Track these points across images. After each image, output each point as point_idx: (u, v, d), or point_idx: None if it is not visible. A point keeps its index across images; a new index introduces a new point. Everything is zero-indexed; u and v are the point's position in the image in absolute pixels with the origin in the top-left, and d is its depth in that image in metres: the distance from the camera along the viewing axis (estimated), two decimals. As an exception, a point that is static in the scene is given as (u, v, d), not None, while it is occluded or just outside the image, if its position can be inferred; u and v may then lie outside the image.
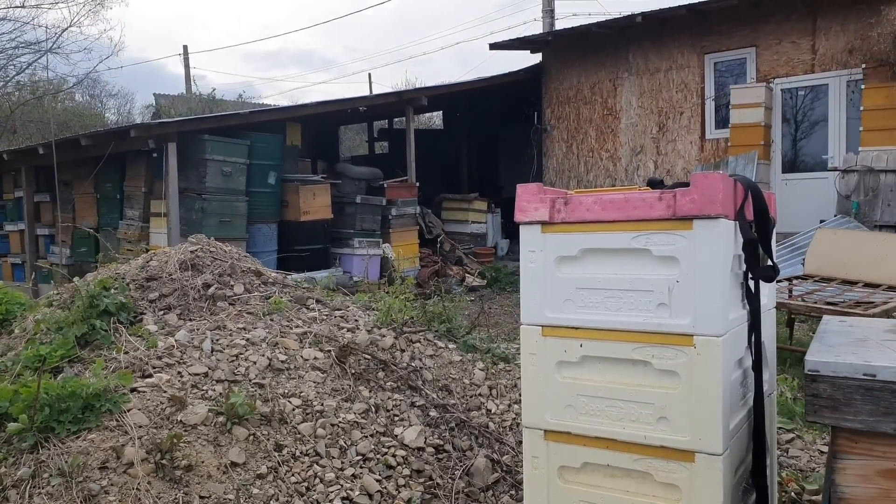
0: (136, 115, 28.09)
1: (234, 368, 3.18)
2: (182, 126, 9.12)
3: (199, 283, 3.90)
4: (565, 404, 1.78)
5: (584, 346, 1.75)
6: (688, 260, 1.60)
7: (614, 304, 1.71)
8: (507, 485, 2.92)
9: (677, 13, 11.02)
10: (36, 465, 2.44)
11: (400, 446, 2.98)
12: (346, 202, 10.51)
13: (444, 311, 4.21)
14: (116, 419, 2.66)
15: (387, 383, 3.38)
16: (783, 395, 4.07)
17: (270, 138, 9.80)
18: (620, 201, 1.68)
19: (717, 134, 11.24)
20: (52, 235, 11.42)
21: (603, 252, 1.73)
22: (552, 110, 13.12)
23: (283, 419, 2.91)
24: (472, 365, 3.76)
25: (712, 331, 1.59)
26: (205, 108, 21.03)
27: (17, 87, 20.84)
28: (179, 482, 2.48)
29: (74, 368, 3.09)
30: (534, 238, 1.80)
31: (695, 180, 1.59)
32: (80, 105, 25.22)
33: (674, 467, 1.65)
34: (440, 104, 16.32)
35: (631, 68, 12.05)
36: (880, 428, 1.08)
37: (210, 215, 8.85)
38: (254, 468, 2.64)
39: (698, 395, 1.60)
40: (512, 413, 3.44)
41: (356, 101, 12.00)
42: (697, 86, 11.34)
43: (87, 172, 10.15)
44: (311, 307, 4.03)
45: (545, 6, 15.67)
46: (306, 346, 3.49)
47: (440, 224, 12.35)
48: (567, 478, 1.81)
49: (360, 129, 22.05)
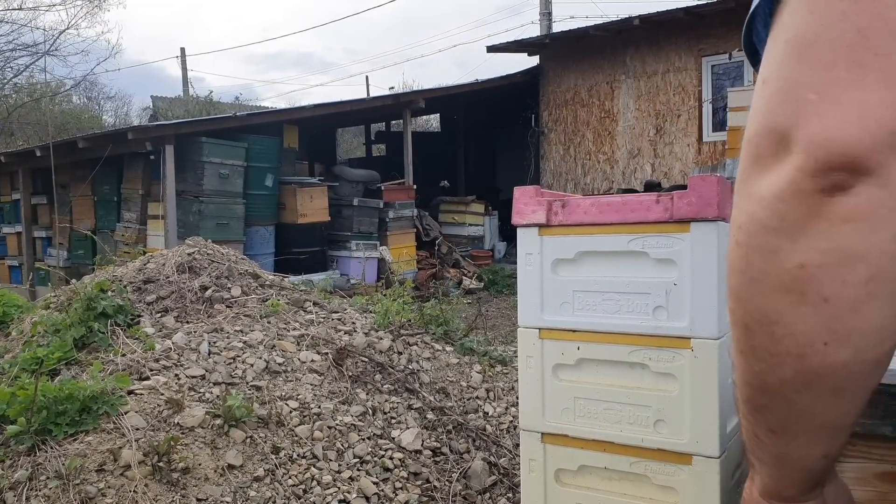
0: (133, 117, 28.09)
1: (231, 371, 3.18)
2: (179, 128, 9.11)
3: (196, 285, 3.90)
4: (562, 407, 1.78)
5: (581, 349, 1.75)
6: (685, 262, 1.61)
7: (611, 307, 1.71)
8: (504, 487, 2.92)
9: (675, 16, 11.04)
10: (33, 467, 2.44)
11: (397, 449, 2.98)
12: (343, 204, 10.50)
13: (441, 314, 4.21)
14: (114, 421, 2.66)
15: (384, 386, 3.38)
16: (780, 397, 4.07)
17: (268, 141, 9.79)
18: (618, 204, 1.68)
19: (714, 137, 11.25)
20: (49, 238, 11.40)
21: (600, 255, 1.73)
22: (549, 113, 13.13)
23: (281, 422, 2.91)
24: (469, 367, 3.76)
25: (710, 333, 1.59)
26: (202, 111, 21.01)
27: (14, 90, 20.82)
28: (176, 485, 2.47)
29: (72, 371, 3.08)
30: (531, 240, 1.81)
31: (692, 183, 1.59)
32: (78, 107, 25.20)
33: (671, 470, 1.65)
34: (437, 107, 16.32)
35: (628, 71, 12.07)
36: (878, 430, 1.08)
37: (207, 217, 8.84)
38: (251, 471, 2.64)
39: (696, 397, 1.60)
40: (509, 416, 3.44)
41: (354, 103, 12.00)
42: (695, 88, 11.36)
43: (84, 175, 10.14)
44: (308, 310, 4.03)
45: (542, 9, 15.68)
46: (303, 348, 3.49)
47: (437, 226, 12.34)
48: (564, 480, 1.81)
49: (357, 131, 22.05)
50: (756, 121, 0.58)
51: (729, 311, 0.63)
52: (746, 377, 0.64)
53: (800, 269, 0.55)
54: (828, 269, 0.54)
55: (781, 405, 0.62)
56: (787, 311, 0.56)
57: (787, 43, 0.57)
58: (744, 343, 0.62)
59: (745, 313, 0.60)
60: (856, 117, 0.52)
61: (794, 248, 0.55)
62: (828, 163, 0.52)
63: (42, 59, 19.90)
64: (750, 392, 0.64)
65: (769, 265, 0.57)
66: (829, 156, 0.52)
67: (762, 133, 0.57)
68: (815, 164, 0.53)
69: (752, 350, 0.61)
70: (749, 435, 0.69)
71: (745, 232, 0.59)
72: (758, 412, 0.65)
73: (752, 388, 0.63)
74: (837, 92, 0.53)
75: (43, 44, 20.01)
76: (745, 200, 0.59)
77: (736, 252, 0.60)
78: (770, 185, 0.56)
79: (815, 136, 0.53)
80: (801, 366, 0.58)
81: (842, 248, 0.53)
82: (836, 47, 0.53)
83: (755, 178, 0.57)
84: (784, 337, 0.57)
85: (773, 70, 0.58)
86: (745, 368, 0.63)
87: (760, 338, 0.59)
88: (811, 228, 0.54)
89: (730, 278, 0.61)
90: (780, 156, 0.55)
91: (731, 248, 0.60)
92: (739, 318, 0.61)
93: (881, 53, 0.52)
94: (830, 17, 0.54)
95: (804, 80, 0.55)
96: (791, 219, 0.55)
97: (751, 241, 0.58)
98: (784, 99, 0.56)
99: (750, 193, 0.58)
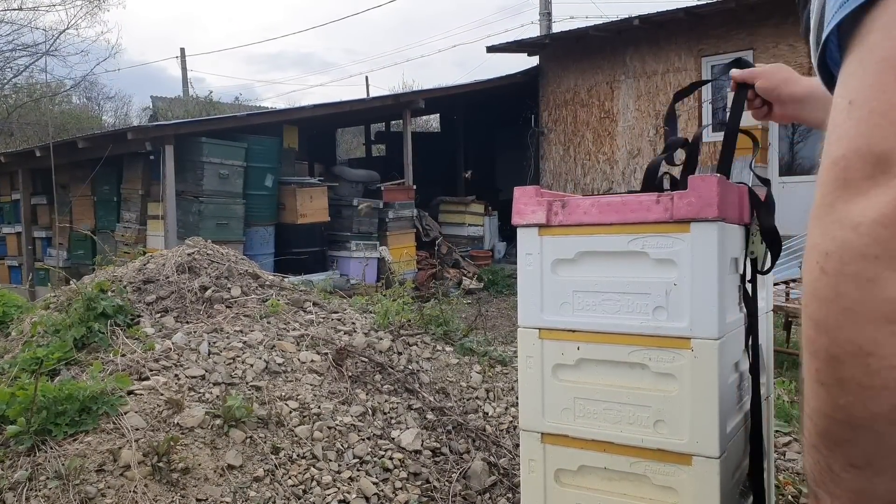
0: (133, 117, 28.11)
1: (230, 371, 3.18)
2: (179, 128, 9.11)
3: (196, 285, 3.90)
4: (562, 407, 1.78)
5: (581, 349, 1.75)
6: (685, 263, 1.61)
7: (611, 307, 1.71)
8: (503, 488, 2.92)
9: (674, 16, 11.04)
10: (33, 467, 2.44)
11: (397, 449, 2.97)
12: (343, 205, 10.51)
13: (441, 314, 4.21)
14: (113, 422, 2.66)
15: (384, 386, 3.38)
16: (780, 398, 4.07)
17: (268, 141, 9.80)
18: (618, 204, 1.68)
19: (714, 137, 11.25)
20: (49, 238, 11.41)
21: (600, 255, 1.73)
22: (549, 113, 13.13)
23: (280, 422, 2.91)
24: (469, 368, 3.76)
25: (709, 333, 1.59)
26: (201, 111, 21.02)
27: (14, 90, 20.85)
28: (176, 485, 2.47)
29: (72, 371, 3.08)
30: (531, 241, 1.80)
31: (692, 183, 1.59)
32: (78, 108, 25.22)
33: (671, 470, 1.65)
34: (437, 107, 16.33)
35: (628, 71, 12.07)
36: (877, 431, 1.08)
37: (207, 218, 8.84)
38: (251, 471, 2.64)
39: (695, 397, 1.60)
40: (509, 416, 3.44)
41: (353, 103, 12.01)
42: (694, 89, 11.35)
43: (84, 175, 10.14)
44: (308, 310, 4.03)
45: (542, 9, 15.68)
46: (303, 348, 3.49)
47: (437, 227, 12.35)
48: (564, 481, 1.81)
49: (357, 131, 22.06)
50: (845, 144, 0.56)
51: (807, 341, 0.60)
52: (826, 410, 0.60)
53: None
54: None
55: (869, 439, 0.59)
56: (885, 343, 0.54)
57: (881, 63, 0.55)
58: (827, 375, 0.59)
59: (833, 344, 0.57)
60: None
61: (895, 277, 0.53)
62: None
63: (42, 59, 19.94)
64: (829, 426, 0.61)
65: (866, 294, 0.54)
66: None
67: (854, 156, 0.55)
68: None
69: (839, 382, 0.58)
70: (820, 469, 0.65)
71: (835, 259, 0.56)
72: (837, 447, 0.61)
73: (834, 421, 0.60)
74: None
75: (43, 44, 20.05)
76: (833, 226, 0.56)
77: (822, 280, 0.57)
78: (867, 211, 0.53)
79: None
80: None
81: None
82: None
83: (845, 203, 0.55)
84: (881, 369, 0.55)
85: (864, 92, 0.55)
86: (827, 401, 0.60)
87: (851, 370, 0.57)
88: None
89: (812, 308, 0.59)
90: (879, 179, 0.53)
91: (815, 276, 0.58)
92: (824, 348, 0.58)
93: None
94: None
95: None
96: (893, 246, 0.52)
97: (844, 268, 0.55)
98: (882, 121, 0.54)
99: (840, 219, 0.55)
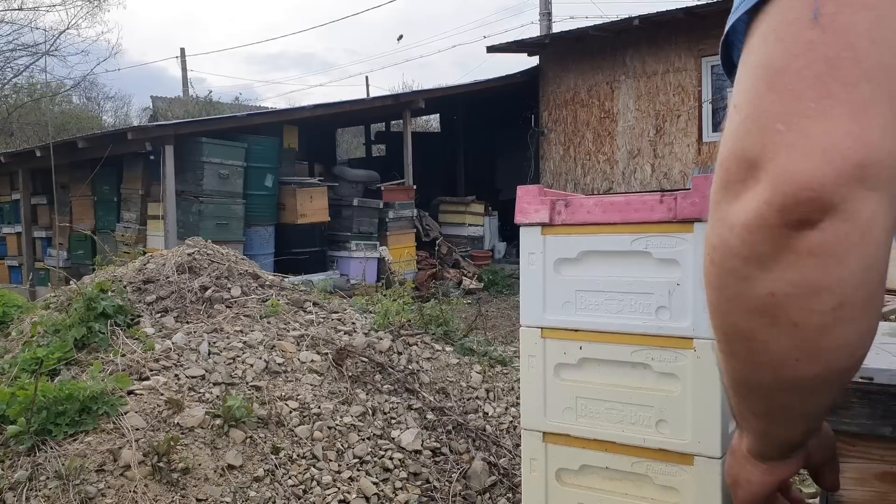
0: (133, 117, 28.09)
1: (230, 371, 3.18)
2: (179, 129, 9.11)
3: (196, 285, 3.89)
4: (564, 406, 1.78)
5: (583, 349, 1.75)
6: (688, 263, 1.60)
7: (614, 307, 1.71)
8: (503, 488, 2.92)
9: (674, 16, 11.03)
10: (33, 467, 2.43)
11: (397, 449, 2.97)
12: (343, 205, 10.50)
13: (441, 314, 4.21)
14: (113, 422, 2.66)
15: (384, 386, 3.37)
16: (781, 398, 4.07)
17: (267, 141, 9.79)
18: (621, 203, 1.68)
19: (714, 137, 11.25)
20: (49, 238, 11.40)
21: (603, 254, 1.72)
22: (549, 113, 13.12)
23: (280, 422, 2.90)
24: (469, 368, 3.76)
25: (712, 334, 1.59)
26: (201, 111, 21.02)
27: (14, 90, 20.83)
28: (176, 485, 2.47)
29: (72, 371, 3.08)
30: (534, 240, 1.80)
31: (695, 183, 1.59)
32: (78, 108, 25.20)
33: (673, 470, 1.64)
34: (437, 107, 16.32)
35: (628, 71, 12.07)
36: (878, 431, 1.08)
37: (207, 218, 8.83)
38: (251, 471, 2.64)
39: (698, 397, 1.60)
40: (509, 416, 3.44)
41: (353, 104, 12.00)
42: (695, 89, 11.36)
43: (84, 175, 10.13)
44: (308, 310, 4.02)
45: (542, 9, 15.68)
46: (303, 348, 3.48)
47: (437, 227, 12.34)
48: (565, 480, 1.81)
49: (357, 131, 22.04)
50: (727, 146, 0.59)
51: (710, 316, 0.66)
52: (729, 371, 0.68)
53: (770, 296, 0.57)
54: (796, 298, 0.56)
55: (762, 398, 0.67)
56: (760, 331, 0.59)
57: (757, 69, 0.57)
58: (724, 346, 0.66)
59: (724, 324, 0.64)
60: (821, 151, 0.53)
61: (763, 278, 0.57)
62: (794, 198, 0.53)
63: (42, 59, 19.90)
64: (733, 382, 0.69)
65: (741, 289, 0.59)
66: (795, 191, 0.53)
67: (732, 159, 0.58)
68: (781, 200, 0.54)
69: (732, 354, 0.65)
70: (736, 409, 0.75)
71: (719, 254, 0.60)
72: (742, 398, 0.70)
73: (735, 381, 0.68)
74: (805, 123, 0.53)
75: (43, 44, 20.01)
76: (717, 224, 0.60)
77: (711, 270, 0.62)
78: (739, 214, 0.57)
79: (782, 169, 0.54)
80: (777, 374, 0.62)
81: (808, 279, 0.55)
82: (805, 77, 0.54)
83: (726, 203, 0.58)
84: (759, 352, 0.61)
85: (744, 96, 0.58)
86: (728, 365, 0.67)
87: (738, 347, 0.63)
88: (779, 261, 0.55)
89: (707, 290, 0.64)
90: (749, 184, 0.56)
91: (707, 264, 0.62)
92: (718, 326, 0.65)
93: (849, 84, 0.52)
94: (799, 45, 0.54)
95: (773, 109, 0.55)
96: (759, 250, 0.56)
97: (724, 263, 0.59)
98: (753, 127, 0.56)
99: (722, 218, 0.59)
